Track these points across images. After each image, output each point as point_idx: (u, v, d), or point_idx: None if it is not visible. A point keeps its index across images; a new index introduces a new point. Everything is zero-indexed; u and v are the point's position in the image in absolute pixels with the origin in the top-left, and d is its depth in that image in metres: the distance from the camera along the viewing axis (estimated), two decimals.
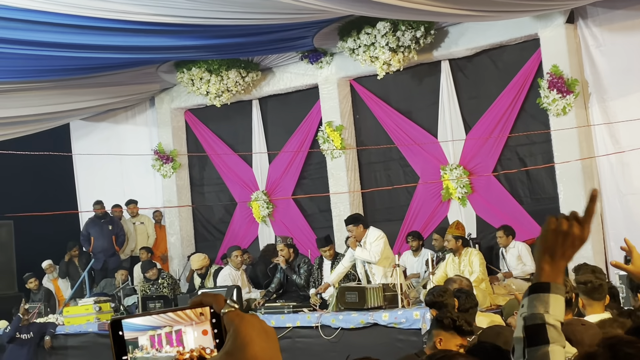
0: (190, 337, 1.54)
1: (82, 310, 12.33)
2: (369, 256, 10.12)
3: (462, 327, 5.28)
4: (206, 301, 1.54)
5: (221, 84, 13.67)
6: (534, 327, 2.00)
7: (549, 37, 11.32)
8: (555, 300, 2.02)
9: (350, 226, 10.32)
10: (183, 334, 1.54)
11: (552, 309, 2.00)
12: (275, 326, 10.16)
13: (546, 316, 1.99)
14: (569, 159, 11.03)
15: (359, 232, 10.23)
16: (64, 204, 14.75)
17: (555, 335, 1.99)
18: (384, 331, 9.41)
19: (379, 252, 10.10)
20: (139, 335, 1.51)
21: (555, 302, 2.01)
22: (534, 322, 1.99)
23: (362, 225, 10.30)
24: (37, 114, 14.17)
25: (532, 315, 2.00)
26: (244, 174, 14.77)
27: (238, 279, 11.69)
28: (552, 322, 1.99)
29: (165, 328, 1.53)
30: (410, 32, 11.78)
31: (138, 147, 15.21)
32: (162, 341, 1.53)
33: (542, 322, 1.99)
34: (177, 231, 15.22)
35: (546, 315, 1.99)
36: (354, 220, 10.50)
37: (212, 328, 1.54)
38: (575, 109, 11.10)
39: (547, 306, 2.00)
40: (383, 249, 10.16)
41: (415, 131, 12.87)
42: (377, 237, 10.21)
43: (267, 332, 1.50)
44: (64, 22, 10.14)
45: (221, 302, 1.52)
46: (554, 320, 2.00)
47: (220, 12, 10.23)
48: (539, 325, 1.99)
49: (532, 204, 11.95)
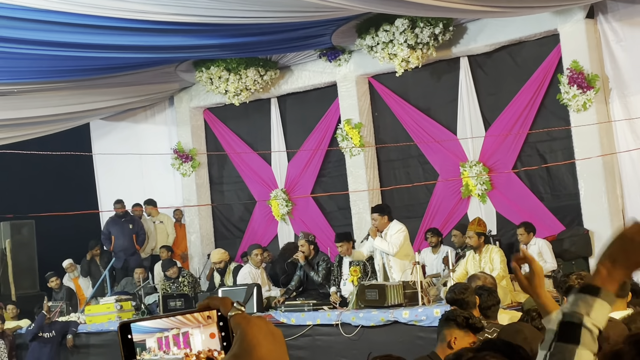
0: (198, 340, 1.56)
1: (103, 309, 12.38)
2: (387, 247, 10.12)
3: (475, 325, 5.24)
4: (213, 304, 1.56)
5: (240, 83, 13.67)
6: (569, 324, 1.93)
7: (568, 32, 11.23)
8: (601, 306, 1.93)
9: (376, 214, 10.35)
10: (190, 336, 1.56)
11: (595, 313, 1.92)
12: (295, 324, 10.23)
13: (585, 318, 1.92)
14: (590, 155, 10.94)
15: (382, 222, 10.25)
16: (85, 203, 14.84)
17: (588, 340, 1.91)
18: (405, 329, 9.37)
19: (397, 245, 10.10)
20: (147, 337, 1.53)
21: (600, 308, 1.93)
22: (571, 319, 1.93)
23: (387, 217, 10.32)
24: (57, 114, 14.22)
25: (571, 313, 1.93)
26: (263, 172, 14.75)
27: (258, 277, 11.68)
28: (589, 326, 1.92)
29: (173, 330, 1.55)
30: (429, 29, 11.74)
31: (157, 146, 15.25)
32: (170, 343, 1.54)
33: (579, 322, 1.92)
34: (196, 230, 15.23)
35: (585, 317, 1.92)
36: (380, 209, 10.53)
37: (219, 331, 1.56)
38: (595, 105, 11.01)
39: (590, 309, 1.92)
40: (402, 243, 10.16)
41: (434, 128, 12.81)
42: (398, 230, 10.22)
43: (274, 335, 1.51)
44: (83, 22, 10.14)
45: (228, 305, 1.54)
46: (592, 324, 1.92)
47: (239, 10, 10.20)
48: (575, 325, 1.92)
49: (553, 200, 11.87)
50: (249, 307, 10.75)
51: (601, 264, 1.99)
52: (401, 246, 10.16)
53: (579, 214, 11.36)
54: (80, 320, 12.61)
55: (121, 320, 8.82)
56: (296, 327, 10.23)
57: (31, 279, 15.12)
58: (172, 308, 11.62)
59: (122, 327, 1.51)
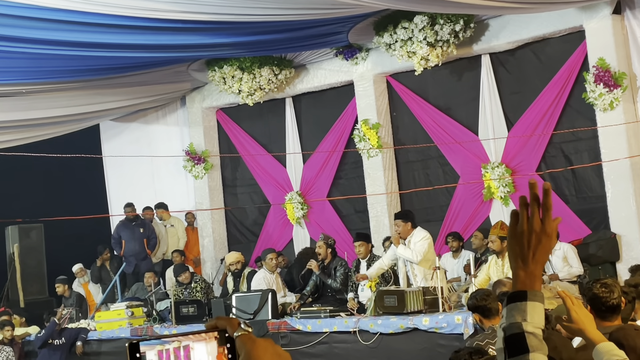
0: (199, 354, 1.57)
1: (114, 315, 12.35)
2: (411, 255, 9.95)
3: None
4: (220, 324, 1.57)
5: (253, 82, 13.61)
6: (513, 337, 1.97)
7: (594, 28, 11.13)
8: (533, 308, 1.98)
9: (399, 221, 10.15)
10: (191, 350, 1.57)
11: (530, 316, 1.97)
12: (312, 331, 10.13)
13: (524, 324, 1.96)
14: (617, 156, 10.86)
15: (405, 229, 10.06)
16: (95, 206, 14.90)
17: (535, 343, 1.96)
18: (425, 336, 9.25)
19: (421, 253, 9.93)
20: (147, 350, 1.54)
21: (534, 310, 1.98)
22: (513, 331, 1.97)
23: (410, 224, 10.14)
24: (66, 115, 14.17)
25: (510, 325, 1.98)
26: (277, 174, 14.69)
27: (273, 282, 11.58)
28: (531, 330, 1.96)
29: (174, 343, 1.57)
30: (449, 26, 11.65)
31: (169, 147, 15.24)
32: (170, 356, 1.56)
33: (520, 330, 1.96)
34: (209, 234, 15.17)
35: (524, 323, 1.96)
36: (403, 215, 10.34)
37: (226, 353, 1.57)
38: (623, 104, 10.93)
39: (525, 314, 1.97)
40: (427, 251, 9.99)
41: (455, 128, 12.72)
42: (422, 237, 10.05)
43: (281, 357, 1.54)
44: (93, 21, 10.06)
45: (235, 325, 1.56)
46: (533, 328, 1.97)
47: (253, 8, 10.15)
48: (518, 335, 1.96)
49: (579, 203, 11.77)
50: (264, 313, 10.65)
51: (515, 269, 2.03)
52: (425, 254, 9.98)
53: (605, 217, 11.26)
54: (90, 327, 12.55)
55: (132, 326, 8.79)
56: (312, 334, 10.15)
57: (40, 285, 15.12)
58: (185, 314, 11.50)
59: (132, 347, 1.54)
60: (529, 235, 2.00)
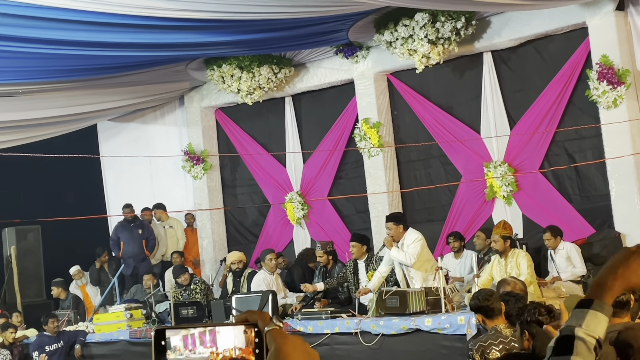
0: (225, 337, 1.57)
1: (112, 318, 12.30)
2: (404, 258, 9.92)
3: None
4: (252, 318, 1.57)
5: (253, 81, 13.53)
6: (564, 338, 2.01)
7: (597, 25, 11.06)
8: (594, 317, 2.00)
9: (391, 224, 10.15)
10: (217, 334, 1.57)
11: (587, 324, 2.00)
12: (313, 332, 10.08)
13: (577, 329, 1.99)
14: (621, 154, 10.79)
15: (397, 231, 10.06)
16: (93, 207, 14.88)
17: (582, 349, 1.98)
18: (427, 337, 9.21)
19: (415, 255, 9.90)
20: (172, 335, 1.56)
21: (594, 319, 2.00)
22: (565, 333, 2.01)
23: (402, 226, 10.14)
24: (63, 115, 14.10)
25: (565, 327, 2.02)
26: (277, 174, 14.63)
27: (273, 283, 11.53)
28: (582, 336, 1.99)
29: (199, 327, 1.58)
30: (450, 23, 11.58)
31: (167, 147, 15.17)
32: (196, 341, 1.57)
33: (571, 333, 2.00)
34: (209, 234, 15.11)
35: (577, 328, 2.00)
36: (395, 218, 10.34)
37: (254, 347, 1.57)
38: (626, 101, 10.85)
39: (582, 320, 2.00)
40: (420, 252, 9.97)
41: (456, 127, 12.66)
42: (414, 240, 10.01)
43: (310, 355, 1.54)
44: (89, 19, 9.98)
45: (266, 319, 1.57)
46: (584, 334, 1.99)
47: (251, 5, 10.08)
48: (568, 337, 2.00)
49: (582, 202, 11.70)
50: None
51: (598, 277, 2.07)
52: (419, 255, 9.97)
53: (609, 216, 11.18)
54: (89, 330, 12.47)
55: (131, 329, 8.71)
56: (313, 335, 10.06)
57: (37, 287, 15.08)
58: (184, 316, 11.44)
59: (157, 333, 1.56)
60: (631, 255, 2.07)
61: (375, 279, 10.30)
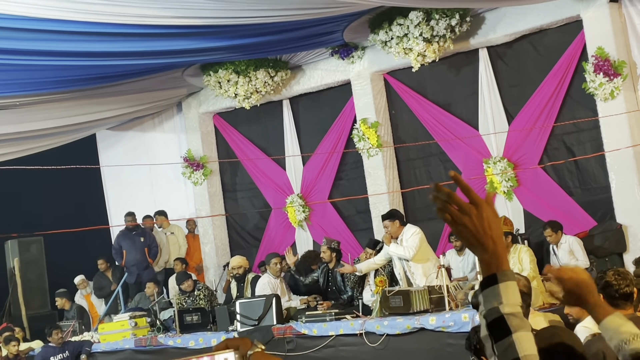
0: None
1: (117, 327, 12.22)
2: (403, 252, 9.95)
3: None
4: (232, 344, 1.61)
5: (249, 85, 13.51)
6: (494, 322, 1.99)
7: (592, 17, 11.02)
8: (506, 288, 1.99)
9: (387, 221, 10.20)
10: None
11: (505, 298, 1.98)
12: (317, 335, 10.03)
13: (501, 307, 1.98)
14: (620, 146, 10.74)
15: (394, 228, 10.11)
16: (94, 217, 14.81)
17: (516, 322, 1.98)
18: (432, 336, 9.16)
19: (413, 247, 9.92)
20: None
21: (507, 290, 1.99)
22: (493, 317, 1.99)
23: (398, 222, 10.18)
24: (61, 125, 14.09)
25: (489, 312, 2.00)
26: (277, 177, 14.59)
27: (277, 287, 11.51)
28: (509, 311, 1.98)
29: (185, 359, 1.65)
30: (445, 21, 11.55)
31: (167, 154, 15.13)
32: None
33: (499, 314, 1.98)
34: (211, 240, 15.06)
35: (501, 306, 1.98)
36: (390, 215, 10.38)
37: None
38: (623, 93, 10.80)
39: (500, 297, 1.99)
40: (418, 245, 9.98)
41: (454, 124, 12.62)
42: (412, 233, 10.07)
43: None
44: (84, 30, 10.01)
45: (248, 344, 1.60)
46: (510, 308, 1.98)
47: (245, 10, 10.08)
48: (498, 319, 1.98)
49: (583, 195, 11.64)
50: (269, 319, 10.55)
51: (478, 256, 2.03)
52: (418, 249, 9.98)
53: (610, 208, 11.14)
54: (94, 339, 12.43)
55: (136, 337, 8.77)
56: (318, 338, 10.04)
57: (42, 298, 15.05)
58: (189, 323, 11.40)
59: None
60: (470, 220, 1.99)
61: (365, 264, 10.45)
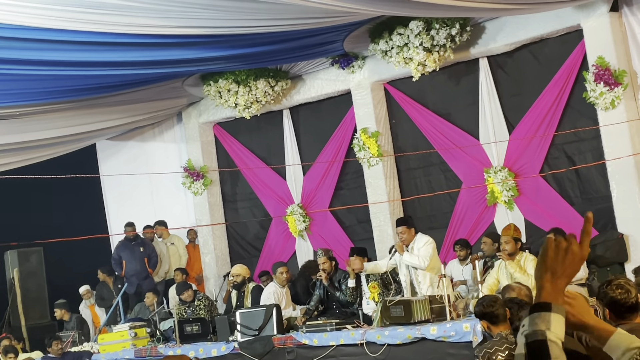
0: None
1: (117, 337, 12.15)
2: (418, 261, 9.79)
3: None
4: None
5: (250, 95, 13.50)
6: (535, 344, 2.05)
7: (592, 27, 11.00)
8: (557, 320, 2.07)
9: (403, 227, 9.98)
10: None
11: (554, 327, 2.06)
12: (318, 345, 9.98)
13: (548, 333, 2.05)
14: (621, 155, 10.71)
15: (410, 235, 9.93)
16: (94, 227, 14.70)
17: (557, 352, 2.03)
18: (433, 346, 9.10)
19: (427, 257, 9.78)
20: None
21: (557, 321, 2.07)
22: (536, 338, 2.05)
23: (413, 229, 10.02)
24: (61, 135, 14.05)
25: (533, 332, 2.06)
26: (278, 187, 14.56)
27: (283, 296, 11.51)
28: (553, 339, 2.04)
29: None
30: (445, 30, 11.55)
31: (167, 164, 15.10)
32: None
33: (543, 338, 2.04)
34: (211, 250, 15.01)
35: (548, 332, 2.05)
36: (406, 222, 10.19)
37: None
38: (624, 102, 10.77)
39: (549, 324, 2.06)
40: (432, 255, 9.84)
41: (455, 134, 12.59)
42: (425, 242, 9.92)
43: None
44: (84, 39, 9.97)
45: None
46: (555, 337, 2.05)
47: (245, 20, 10.01)
48: (541, 342, 2.04)
49: (584, 204, 11.59)
50: (269, 329, 10.44)
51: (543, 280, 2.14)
52: (431, 258, 9.83)
53: (612, 218, 11.11)
54: (94, 350, 12.39)
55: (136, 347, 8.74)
56: (319, 348, 9.99)
57: (41, 309, 15.03)
58: (189, 333, 11.37)
59: None
60: (566, 252, 2.14)
61: (371, 264, 10.33)
